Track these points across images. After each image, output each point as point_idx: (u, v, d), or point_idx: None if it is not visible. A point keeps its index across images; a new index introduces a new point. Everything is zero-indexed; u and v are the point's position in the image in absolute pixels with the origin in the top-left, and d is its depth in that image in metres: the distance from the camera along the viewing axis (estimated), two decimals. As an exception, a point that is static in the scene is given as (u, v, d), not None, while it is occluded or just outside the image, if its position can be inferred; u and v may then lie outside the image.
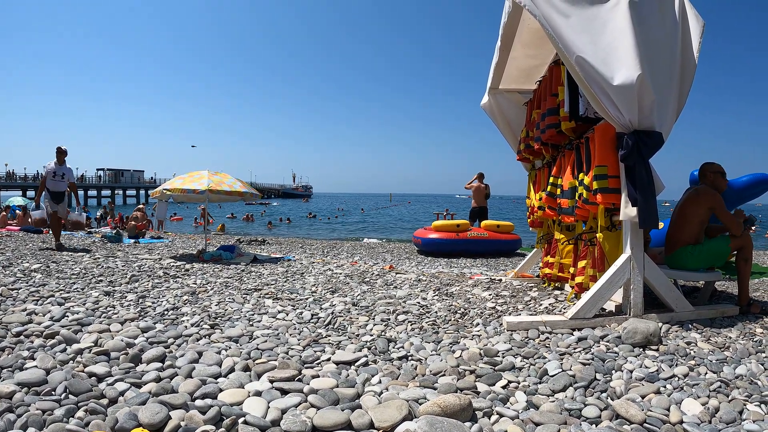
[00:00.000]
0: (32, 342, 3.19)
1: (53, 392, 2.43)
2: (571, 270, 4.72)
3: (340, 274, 6.80)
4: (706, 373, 2.82)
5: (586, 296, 3.78)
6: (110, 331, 3.49)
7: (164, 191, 9.27)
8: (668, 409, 2.35)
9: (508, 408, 2.40)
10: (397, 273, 7.07)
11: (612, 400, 2.48)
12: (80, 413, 2.24)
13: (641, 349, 3.18)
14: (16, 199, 22.75)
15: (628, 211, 3.60)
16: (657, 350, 3.17)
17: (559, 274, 5.10)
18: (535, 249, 6.51)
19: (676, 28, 3.56)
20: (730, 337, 3.47)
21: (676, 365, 2.92)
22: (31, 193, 55.96)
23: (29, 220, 10.66)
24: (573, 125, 4.51)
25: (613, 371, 2.84)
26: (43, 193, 9.59)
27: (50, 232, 10.44)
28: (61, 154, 9.49)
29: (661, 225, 3.77)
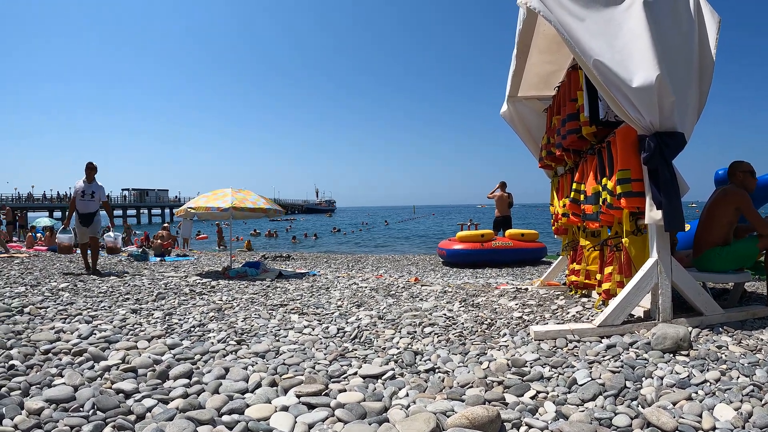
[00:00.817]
0: (60, 359, 3.25)
1: (81, 408, 2.47)
2: (598, 276, 4.64)
3: (366, 287, 6.79)
4: (739, 377, 2.74)
5: (613, 303, 3.71)
6: (137, 348, 3.54)
7: (189, 210, 9.40)
8: (700, 416, 2.29)
9: (537, 419, 2.36)
10: (422, 285, 7.05)
11: (643, 408, 2.43)
12: (108, 429, 2.27)
13: (671, 355, 3.11)
14: (42, 220, 23.18)
15: (653, 215, 3.54)
16: (687, 355, 3.09)
17: (586, 281, 5.02)
18: (560, 257, 6.43)
19: (692, 25, 3.51)
20: (762, 339, 3.37)
21: (708, 370, 2.84)
22: (57, 214, 57.28)
23: (57, 241, 9.98)
24: (594, 130, 4.46)
25: (644, 378, 2.78)
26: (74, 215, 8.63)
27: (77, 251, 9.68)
28: (90, 170, 8.55)
29: (687, 227, 3.70)
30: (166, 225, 16.62)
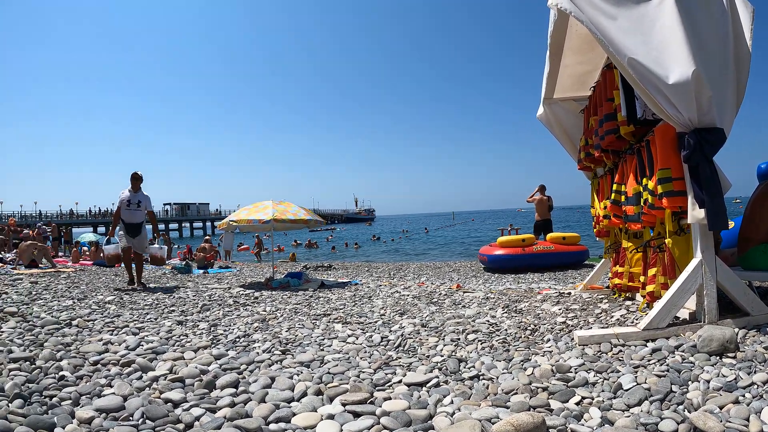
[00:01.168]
0: (109, 370, 3.34)
1: (131, 418, 2.54)
2: (642, 279, 4.54)
3: (408, 295, 6.81)
4: (787, 380, 2.65)
5: (658, 305, 3.63)
6: (184, 359, 3.62)
7: (230, 222, 9.59)
8: (748, 420, 2.21)
9: (583, 425, 2.33)
10: (464, 292, 7.02)
11: (689, 412, 2.36)
12: (157, 438, 2.33)
13: (718, 358, 3.01)
14: (87, 235, 23.91)
15: (695, 214, 3.45)
16: (734, 357, 2.99)
17: (630, 283, 4.92)
18: (603, 259, 6.32)
19: (725, 17, 3.42)
20: (811, 339, 3.24)
21: (755, 372, 2.74)
22: (101, 230, 59.25)
23: (101, 255, 10.09)
24: (632, 129, 4.39)
25: (690, 382, 2.70)
26: (119, 225, 8.54)
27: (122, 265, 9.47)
28: (136, 180, 8.44)
29: (731, 224, 3.59)
30: (207, 237, 17.01)
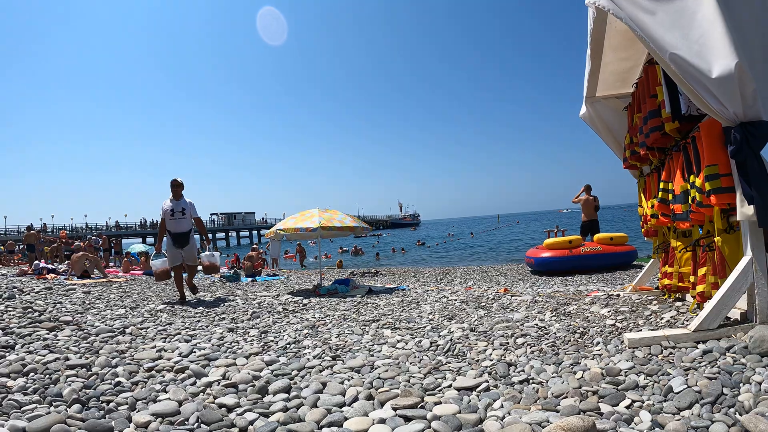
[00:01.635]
0: (163, 376, 3.46)
1: (186, 422, 2.63)
2: (691, 279, 4.42)
3: (456, 300, 6.80)
4: (841, 381, 2.54)
5: (708, 306, 3.53)
6: (236, 365, 3.72)
7: (278, 231, 9.77)
8: (800, 422, 2.14)
9: (633, 428, 2.31)
10: (512, 295, 6.98)
11: (740, 415, 2.31)
12: (213, 441, 2.40)
13: (770, 359, 2.92)
14: (137, 246, 24.67)
15: (745, 210, 3.34)
16: (786, 359, 2.90)
17: (679, 284, 4.80)
18: (652, 259, 6.17)
19: (765, 7, 3.31)
20: None
21: (807, 374, 2.65)
22: (150, 240, 60.98)
23: (152, 269, 9.16)
24: (677, 125, 4.29)
25: (741, 384, 2.63)
26: (165, 238, 7.97)
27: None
28: (176, 187, 7.89)
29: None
30: (255, 246, 17.35)
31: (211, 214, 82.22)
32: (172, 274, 8.05)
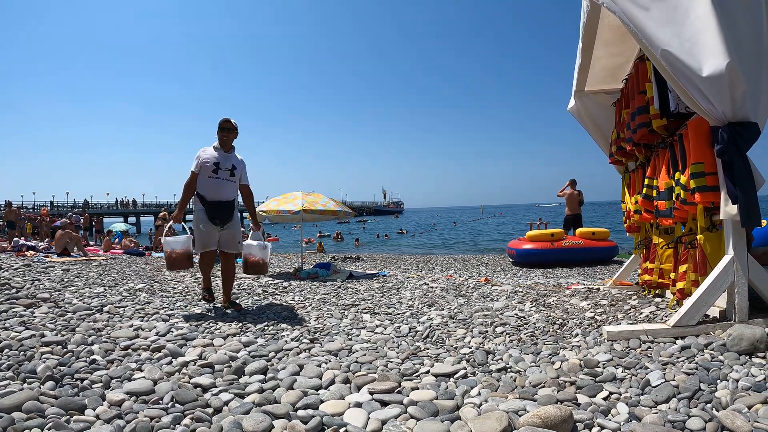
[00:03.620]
0: (139, 355, 3.42)
1: (160, 401, 2.60)
2: (672, 275, 4.47)
3: (436, 287, 6.82)
4: (817, 381, 2.59)
5: (688, 302, 3.57)
6: (213, 346, 3.69)
7: (260, 213, 9.71)
8: (777, 420, 2.17)
9: (610, 420, 2.32)
10: (492, 285, 7.01)
11: (717, 411, 2.33)
12: (186, 420, 2.39)
13: (747, 357, 2.95)
14: (118, 225, 24.37)
15: (728, 210, 3.37)
16: (764, 357, 2.93)
17: (660, 280, 4.85)
18: (633, 255, 6.23)
19: (759, 8, 3.32)
20: None
21: (785, 373, 2.70)
22: (132, 219, 60.24)
23: (166, 251, 5.87)
24: (665, 122, 4.32)
25: (718, 381, 2.67)
26: (198, 209, 5.15)
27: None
28: (229, 131, 5.17)
29: (764, 223, 3.52)
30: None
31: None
32: (196, 262, 5.64)
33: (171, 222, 5.29)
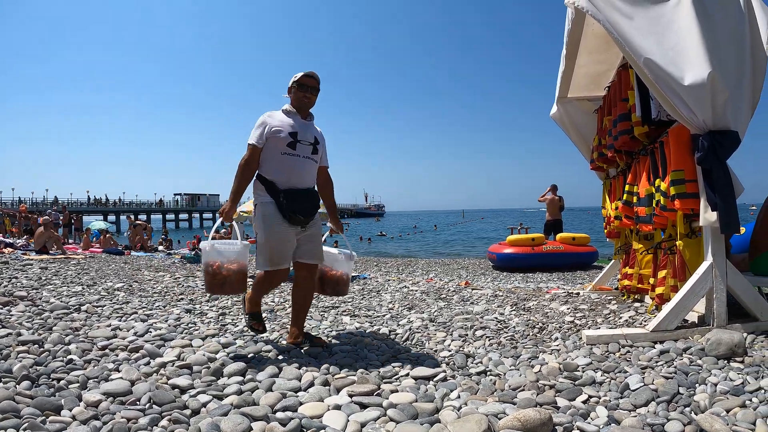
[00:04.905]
0: (117, 355, 3.36)
1: (138, 402, 2.55)
2: (651, 281, 4.53)
3: (416, 291, 6.82)
4: (794, 385, 2.64)
5: (667, 307, 3.62)
6: (192, 346, 3.64)
7: (241, 213, 9.64)
8: (754, 424, 2.21)
9: (589, 423, 2.33)
10: (473, 289, 7.03)
11: (696, 414, 2.36)
12: (164, 422, 2.34)
13: (725, 361, 3.01)
14: (98, 223, 24.01)
15: (708, 217, 3.43)
16: (742, 362, 2.99)
17: (639, 285, 4.91)
18: (612, 260, 6.30)
19: (742, 20, 3.40)
20: (819, 346, 3.23)
21: (763, 377, 2.75)
22: (112, 218, 59.45)
23: (222, 272, 4.67)
24: (646, 130, 4.37)
25: (697, 385, 2.70)
26: (257, 201, 3.64)
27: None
28: (313, 91, 3.70)
29: (743, 230, 3.58)
30: (228, 228, 17.06)
31: (175, 194, 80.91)
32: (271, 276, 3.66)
33: (219, 220, 3.70)
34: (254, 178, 3.65)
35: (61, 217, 20.22)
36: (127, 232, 20.09)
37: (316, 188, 3.83)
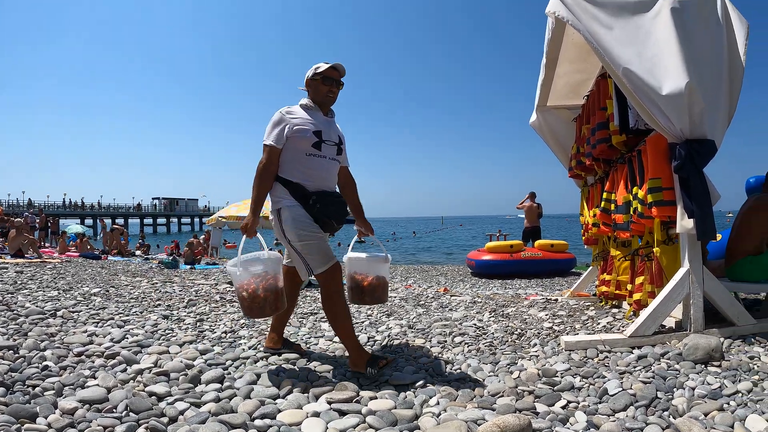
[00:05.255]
0: (93, 362, 3.30)
1: (114, 410, 2.51)
2: (629, 287, 4.59)
3: (395, 297, 6.81)
4: (771, 388, 2.70)
5: (644, 313, 3.67)
6: (169, 353, 3.59)
7: (220, 219, 9.57)
8: (732, 426, 2.25)
9: (568, 428, 2.35)
10: (451, 295, 7.04)
11: (674, 418, 2.39)
12: (141, 430, 2.31)
13: (703, 366, 3.06)
14: (74, 226, 23.59)
15: (684, 224, 3.49)
16: (719, 366, 3.04)
17: (617, 291, 4.96)
18: (590, 267, 6.37)
19: (720, 32, 3.48)
20: (795, 350, 3.31)
21: (740, 381, 2.80)
22: (89, 222, 58.60)
23: (260, 293, 3.01)
24: (624, 138, 4.43)
25: (675, 389, 2.74)
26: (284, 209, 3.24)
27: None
28: (338, 85, 3.35)
29: (719, 236, 3.65)
30: (206, 234, 16.92)
31: (154, 198, 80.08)
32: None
33: (243, 237, 3.29)
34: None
35: (38, 220, 19.84)
36: (100, 236, 19.80)
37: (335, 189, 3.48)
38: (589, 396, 2.74)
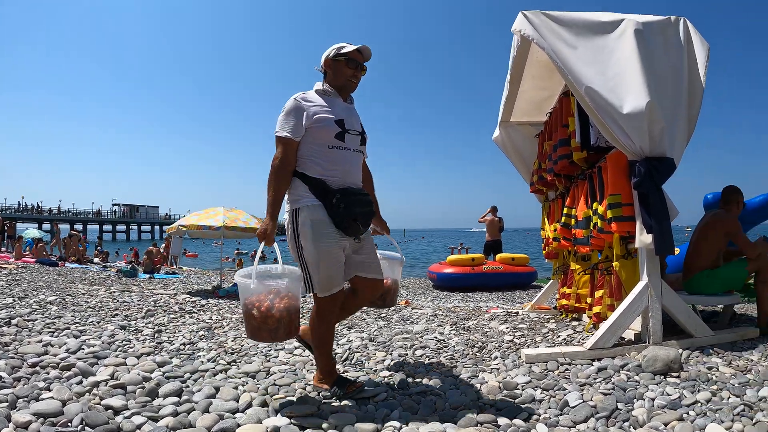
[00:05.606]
0: (48, 373, 3.20)
1: (69, 423, 2.43)
2: (589, 300, 4.67)
3: (356, 309, 6.77)
4: (729, 398, 2.78)
5: (604, 326, 3.74)
6: (126, 365, 3.49)
7: (180, 227, 9.40)
8: (692, 436, 2.31)
9: (530, 440, 2.36)
10: (413, 308, 7.03)
11: (634, 429, 2.44)
12: (97, 445, 2.24)
13: (662, 377, 3.13)
14: (31, 231, 22.81)
15: (643, 239, 3.59)
16: (678, 377, 3.13)
17: (577, 304, 5.04)
18: (551, 280, 6.46)
19: (681, 53, 3.62)
20: (752, 360, 3.43)
21: (699, 391, 2.88)
22: (47, 226, 56.68)
23: (273, 313, 2.64)
24: (585, 155, 4.53)
25: (635, 400, 2.80)
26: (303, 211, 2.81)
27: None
28: (361, 69, 2.98)
29: (677, 251, 3.76)
30: (165, 242, 16.56)
31: (113, 204, 78.19)
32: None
33: (261, 244, 2.86)
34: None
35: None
36: (53, 243, 19.18)
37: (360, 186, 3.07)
38: (550, 408, 2.77)
